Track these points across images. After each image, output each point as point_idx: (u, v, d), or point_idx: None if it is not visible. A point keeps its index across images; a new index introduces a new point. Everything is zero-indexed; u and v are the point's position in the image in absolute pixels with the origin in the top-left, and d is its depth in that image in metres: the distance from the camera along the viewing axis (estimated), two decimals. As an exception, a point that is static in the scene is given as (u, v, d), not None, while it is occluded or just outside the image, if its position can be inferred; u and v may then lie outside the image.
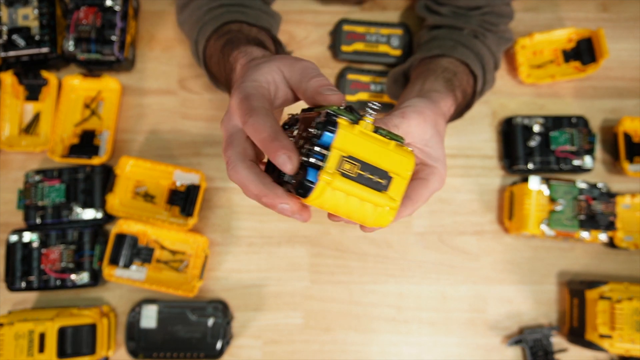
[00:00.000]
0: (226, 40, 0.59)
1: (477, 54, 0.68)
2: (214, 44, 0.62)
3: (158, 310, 0.73)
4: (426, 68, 0.67)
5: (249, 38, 0.60)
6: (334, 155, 0.37)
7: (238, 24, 0.64)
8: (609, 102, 0.83)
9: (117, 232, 0.74)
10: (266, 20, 0.69)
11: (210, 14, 0.65)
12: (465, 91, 0.66)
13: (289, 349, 0.76)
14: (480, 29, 0.70)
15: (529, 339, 0.75)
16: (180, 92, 0.82)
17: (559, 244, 0.79)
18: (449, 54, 0.67)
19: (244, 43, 0.56)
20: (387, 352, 0.76)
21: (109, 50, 0.76)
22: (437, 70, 0.65)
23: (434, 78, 0.63)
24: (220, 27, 0.64)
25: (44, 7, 0.77)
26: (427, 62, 0.68)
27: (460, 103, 0.65)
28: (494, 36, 0.71)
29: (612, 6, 0.86)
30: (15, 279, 0.74)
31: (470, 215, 0.79)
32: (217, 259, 0.78)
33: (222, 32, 0.62)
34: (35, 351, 0.67)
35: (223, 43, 0.59)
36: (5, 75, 0.79)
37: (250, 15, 0.66)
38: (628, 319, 0.68)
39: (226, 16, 0.64)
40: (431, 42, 0.71)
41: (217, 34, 0.63)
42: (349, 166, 0.37)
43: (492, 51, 0.70)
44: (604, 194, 0.75)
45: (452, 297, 0.77)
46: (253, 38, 0.60)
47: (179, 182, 0.76)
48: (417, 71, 0.69)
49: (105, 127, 0.79)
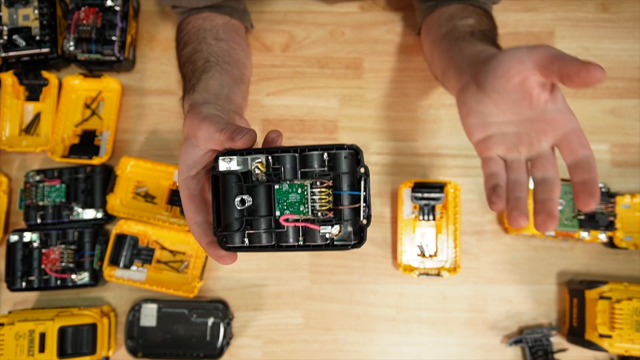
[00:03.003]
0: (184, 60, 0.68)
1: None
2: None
3: (158, 309, 0.73)
4: (449, 40, 0.64)
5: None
6: None
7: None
8: (609, 102, 0.83)
9: (118, 232, 0.75)
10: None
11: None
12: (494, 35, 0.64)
13: (289, 348, 0.76)
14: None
15: (529, 338, 0.75)
16: (180, 92, 0.82)
17: (558, 244, 0.79)
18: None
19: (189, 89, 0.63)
20: (387, 352, 0.76)
21: (109, 51, 0.76)
22: (466, 37, 0.62)
23: (467, 44, 0.60)
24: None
25: (44, 8, 0.77)
26: (440, 28, 0.66)
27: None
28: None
29: (612, 6, 0.86)
30: (16, 279, 0.74)
31: (470, 215, 0.79)
32: (217, 259, 0.78)
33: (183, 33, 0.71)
34: (35, 351, 0.67)
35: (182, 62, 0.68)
36: (6, 76, 0.79)
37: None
38: (628, 318, 0.68)
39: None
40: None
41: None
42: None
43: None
44: (604, 193, 0.76)
45: (452, 297, 0.77)
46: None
47: (179, 182, 0.76)
48: (438, 46, 0.66)
49: (106, 127, 0.79)
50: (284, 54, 0.84)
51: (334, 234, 0.43)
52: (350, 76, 0.83)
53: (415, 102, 0.82)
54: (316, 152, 0.43)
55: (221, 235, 0.45)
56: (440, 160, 0.81)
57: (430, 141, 0.81)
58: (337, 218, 0.43)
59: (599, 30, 0.85)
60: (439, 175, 0.80)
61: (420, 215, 0.77)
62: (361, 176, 0.42)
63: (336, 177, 0.43)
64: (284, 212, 0.44)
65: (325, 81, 0.82)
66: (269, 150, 0.44)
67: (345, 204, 0.42)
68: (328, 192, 0.43)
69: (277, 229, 0.44)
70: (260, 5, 0.84)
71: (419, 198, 0.77)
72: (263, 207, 0.44)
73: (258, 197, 0.44)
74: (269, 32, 0.84)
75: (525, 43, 0.84)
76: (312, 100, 0.81)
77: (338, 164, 0.43)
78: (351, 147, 0.43)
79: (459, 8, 0.68)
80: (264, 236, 0.44)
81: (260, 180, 0.44)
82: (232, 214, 0.44)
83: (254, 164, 0.44)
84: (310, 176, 0.43)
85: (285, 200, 0.44)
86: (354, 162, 0.43)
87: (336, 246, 0.43)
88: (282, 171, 0.44)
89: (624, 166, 0.81)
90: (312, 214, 0.43)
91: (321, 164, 0.43)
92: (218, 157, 0.45)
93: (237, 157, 0.44)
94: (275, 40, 0.84)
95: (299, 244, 0.44)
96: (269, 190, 0.44)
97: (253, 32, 0.82)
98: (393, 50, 0.84)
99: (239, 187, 0.44)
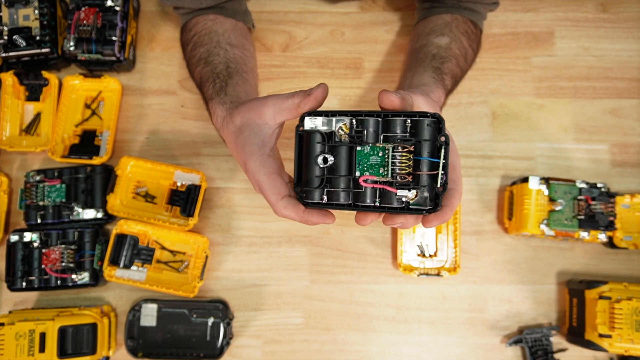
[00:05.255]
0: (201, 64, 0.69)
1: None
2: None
3: (158, 309, 0.73)
4: (415, 57, 0.69)
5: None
6: None
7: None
8: (609, 102, 0.83)
9: (118, 232, 0.75)
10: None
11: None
12: (456, 75, 0.68)
13: (289, 348, 0.76)
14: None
15: (529, 338, 0.75)
16: (181, 92, 0.83)
17: (558, 243, 0.79)
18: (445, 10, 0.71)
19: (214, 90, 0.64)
20: (387, 352, 0.76)
21: (109, 51, 0.76)
22: (425, 60, 0.67)
23: (423, 69, 0.65)
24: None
25: (44, 8, 0.77)
26: (418, 40, 0.71)
27: (451, 89, 0.67)
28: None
29: (612, 6, 0.86)
30: (16, 279, 0.74)
31: (470, 215, 0.79)
32: (217, 259, 0.78)
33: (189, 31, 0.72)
34: (36, 351, 0.67)
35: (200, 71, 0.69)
36: (6, 76, 0.79)
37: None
38: (627, 318, 0.68)
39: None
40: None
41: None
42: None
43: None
44: (604, 193, 0.76)
45: (451, 297, 0.78)
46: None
47: (180, 182, 0.77)
48: (407, 58, 0.71)
49: (106, 127, 0.79)
50: (284, 54, 0.84)
51: (410, 198, 0.44)
52: (350, 76, 0.83)
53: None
54: (399, 118, 0.44)
55: (300, 191, 0.47)
56: (440, 160, 0.81)
57: (430, 141, 0.81)
58: (415, 183, 0.44)
59: (599, 30, 0.85)
60: (439, 175, 0.80)
61: (420, 215, 0.77)
62: (441, 144, 0.43)
63: (417, 144, 0.44)
64: (364, 172, 0.45)
65: (325, 81, 0.82)
66: (353, 114, 0.45)
67: (424, 170, 0.43)
68: (409, 157, 0.44)
69: (356, 189, 0.45)
70: (260, 5, 0.84)
71: (419, 198, 0.77)
72: (344, 166, 0.45)
73: (339, 157, 0.45)
74: (269, 32, 0.84)
75: (525, 43, 0.84)
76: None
77: (420, 131, 0.44)
78: (434, 115, 0.44)
79: (446, 21, 0.72)
80: (342, 195, 0.45)
81: (343, 141, 0.45)
82: (313, 171, 0.46)
83: (338, 125, 0.45)
84: (392, 140, 0.44)
85: (366, 161, 0.45)
86: (436, 130, 0.44)
87: (412, 210, 0.44)
88: (365, 134, 0.45)
89: (624, 166, 0.81)
90: (392, 177, 0.44)
91: (403, 130, 0.44)
92: (304, 116, 0.47)
93: (323, 118, 0.46)
94: (275, 40, 0.84)
95: (375, 205, 0.45)
96: (350, 151, 0.45)
97: (253, 32, 0.82)
98: (393, 50, 0.84)
99: (322, 146, 0.46)
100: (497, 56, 0.84)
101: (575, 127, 0.82)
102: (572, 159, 0.81)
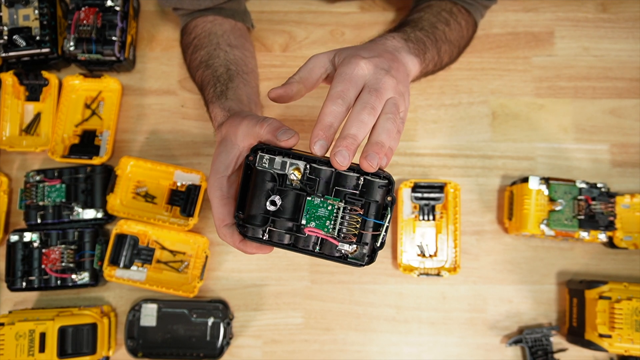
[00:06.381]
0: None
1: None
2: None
3: (158, 309, 0.73)
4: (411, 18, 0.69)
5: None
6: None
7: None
8: (609, 102, 0.83)
9: (118, 232, 0.75)
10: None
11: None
12: (424, 41, 0.66)
13: (289, 348, 0.76)
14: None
15: (529, 338, 0.75)
16: (181, 92, 0.83)
17: (558, 243, 0.79)
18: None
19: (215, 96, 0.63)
20: (387, 352, 0.76)
21: (109, 51, 0.76)
22: (418, 23, 0.66)
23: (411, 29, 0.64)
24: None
25: (44, 8, 0.77)
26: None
27: (428, 71, 0.67)
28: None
29: (612, 6, 0.86)
30: (16, 279, 0.74)
31: (470, 215, 0.79)
32: (217, 259, 0.78)
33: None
34: (36, 351, 0.67)
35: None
36: (6, 76, 0.79)
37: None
38: (627, 318, 0.68)
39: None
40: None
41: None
42: None
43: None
44: (604, 193, 0.75)
45: (451, 297, 0.78)
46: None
47: (180, 182, 0.77)
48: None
49: (106, 127, 0.79)
50: (284, 54, 0.84)
51: (350, 252, 0.46)
52: (350, 76, 0.83)
53: (415, 102, 0.82)
54: (354, 174, 0.45)
55: (242, 223, 0.47)
56: (440, 160, 0.81)
57: (430, 141, 0.81)
58: (357, 240, 0.45)
59: (599, 30, 0.85)
60: (439, 175, 0.80)
61: (420, 215, 0.77)
62: (387, 204, 0.45)
63: (365, 204, 0.45)
64: (310, 222, 0.45)
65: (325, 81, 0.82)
66: (309, 159, 0.45)
67: (369, 230, 0.45)
68: (357, 220, 0.45)
69: (299, 234, 0.46)
70: (260, 5, 0.84)
71: (419, 198, 0.77)
72: (291, 211, 0.45)
73: (288, 201, 0.45)
74: (269, 32, 0.84)
75: (525, 43, 0.84)
76: (312, 100, 0.81)
77: (371, 191, 0.45)
78: (386, 177, 0.45)
79: (438, 3, 0.71)
80: (285, 237, 0.46)
81: (294, 185, 0.45)
82: (259, 208, 0.46)
83: (291, 169, 0.45)
84: (341, 195, 0.45)
85: (314, 212, 0.45)
86: (385, 192, 0.45)
87: (349, 262, 0.46)
88: (317, 183, 0.45)
89: (624, 166, 0.81)
90: (337, 234, 0.45)
91: (355, 186, 0.45)
92: (257, 148, 0.46)
93: (277, 158, 0.46)
94: (275, 40, 0.84)
95: (314, 251, 0.46)
96: (299, 198, 0.45)
97: (253, 32, 0.82)
98: (393, 51, 0.84)
99: (272, 185, 0.46)
100: (497, 56, 0.84)
101: (575, 127, 0.82)
102: (572, 159, 0.81)
